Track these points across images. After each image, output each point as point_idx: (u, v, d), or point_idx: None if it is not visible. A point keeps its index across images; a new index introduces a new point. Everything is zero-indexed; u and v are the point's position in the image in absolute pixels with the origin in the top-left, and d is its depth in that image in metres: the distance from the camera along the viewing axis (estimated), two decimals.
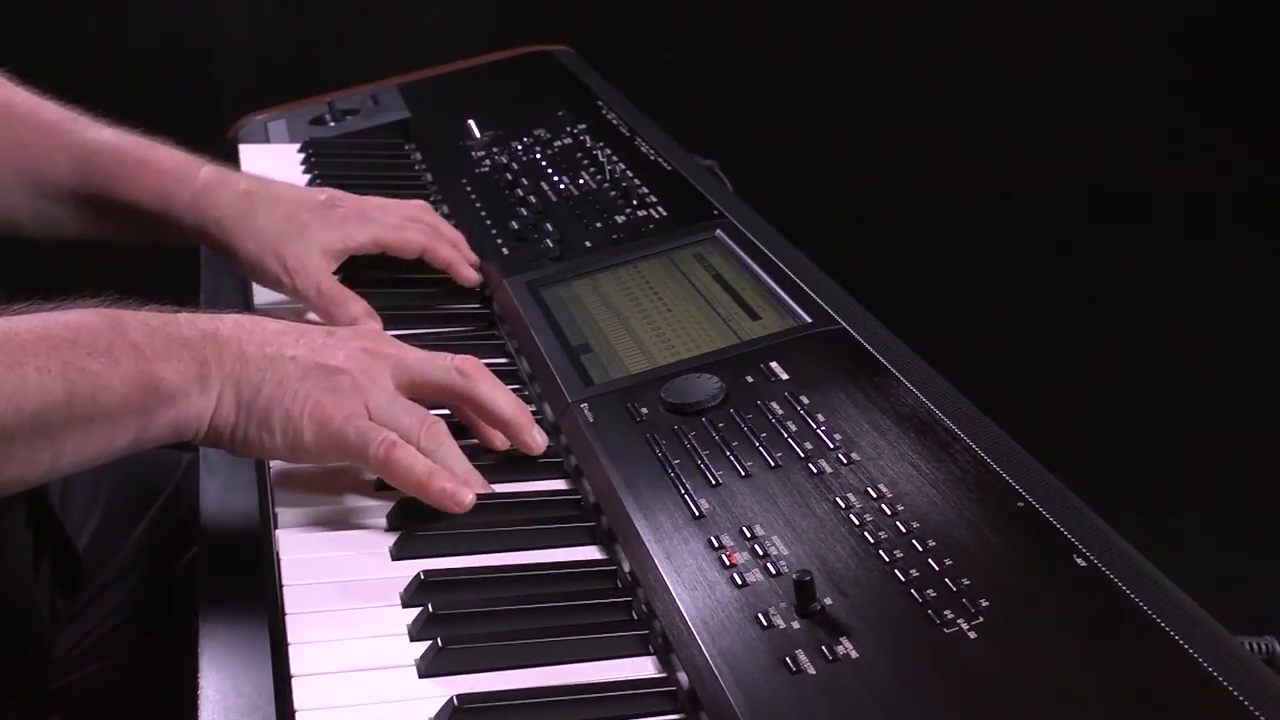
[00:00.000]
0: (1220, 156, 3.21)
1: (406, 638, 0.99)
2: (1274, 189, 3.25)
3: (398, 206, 1.49)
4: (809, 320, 1.26)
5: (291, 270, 1.39)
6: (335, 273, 1.43)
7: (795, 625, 0.92)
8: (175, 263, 1.58)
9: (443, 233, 1.48)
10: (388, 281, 1.48)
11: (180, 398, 1.06)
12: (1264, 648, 0.92)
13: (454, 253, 1.47)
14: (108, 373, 1.03)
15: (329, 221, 1.42)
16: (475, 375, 1.17)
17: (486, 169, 1.74)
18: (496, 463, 1.19)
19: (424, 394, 1.15)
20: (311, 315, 1.41)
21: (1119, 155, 3.20)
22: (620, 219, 1.54)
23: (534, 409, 1.28)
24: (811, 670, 0.88)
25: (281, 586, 1.04)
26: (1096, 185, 3.23)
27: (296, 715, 0.92)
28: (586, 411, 1.20)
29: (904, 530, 0.98)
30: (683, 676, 0.93)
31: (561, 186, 1.65)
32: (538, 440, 1.18)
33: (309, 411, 1.09)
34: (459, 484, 1.10)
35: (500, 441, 1.20)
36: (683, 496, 1.06)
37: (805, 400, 1.14)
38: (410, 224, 1.47)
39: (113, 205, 1.44)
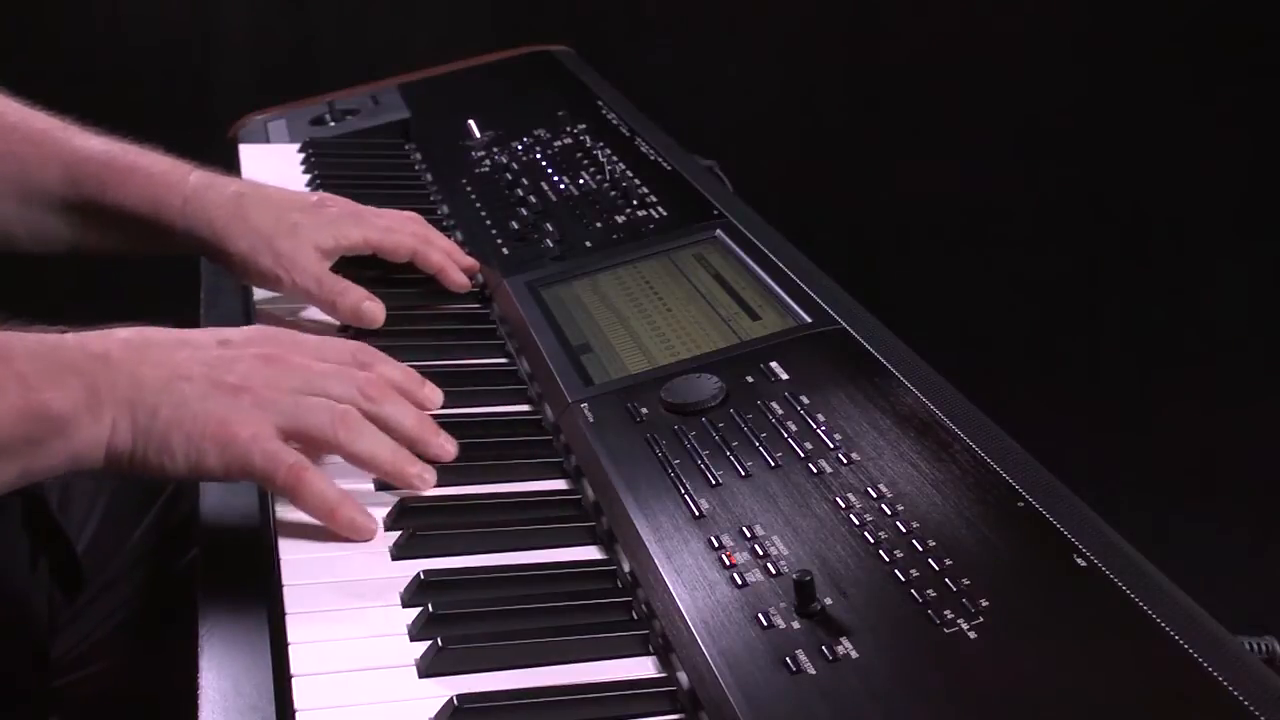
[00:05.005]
0: (1221, 158, 3.20)
1: (406, 638, 0.99)
2: (1274, 191, 3.25)
3: (390, 212, 1.50)
4: (809, 320, 1.26)
5: (288, 267, 1.40)
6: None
7: (795, 625, 0.92)
8: (175, 262, 1.57)
9: (434, 240, 1.49)
10: (387, 282, 1.48)
11: (71, 428, 1.04)
12: (1264, 648, 0.92)
13: (445, 258, 1.48)
14: None
15: (321, 221, 1.43)
16: (378, 397, 1.15)
17: (486, 169, 1.74)
18: (497, 463, 1.19)
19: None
20: (312, 314, 1.42)
21: (1120, 154, 3.20)
22: (620, 219, 1.54)
23: (534, 409, 1.29)
24: (811, 670, 0.88)
25: (281, 586, 1.04)
26: (1097, 184, 3.23)
27: (296, 715, 0.92)
28: (586, 411, 1.20)
29: (904, 530, 0.98)
30: (683, 676, 0.93)
31: (561, 186, 1.65)
32: (449, 450, 1.17)
33: (210, 433, 1.07)
34: (367, 517, 1.09)
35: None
36: (683, 496, 1.06)
37: (805, 400, 1.14)
38: (401, 228, 1.47)
39: (104, 212, 1.44)
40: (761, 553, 0.99)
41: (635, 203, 1.56)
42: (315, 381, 1.13)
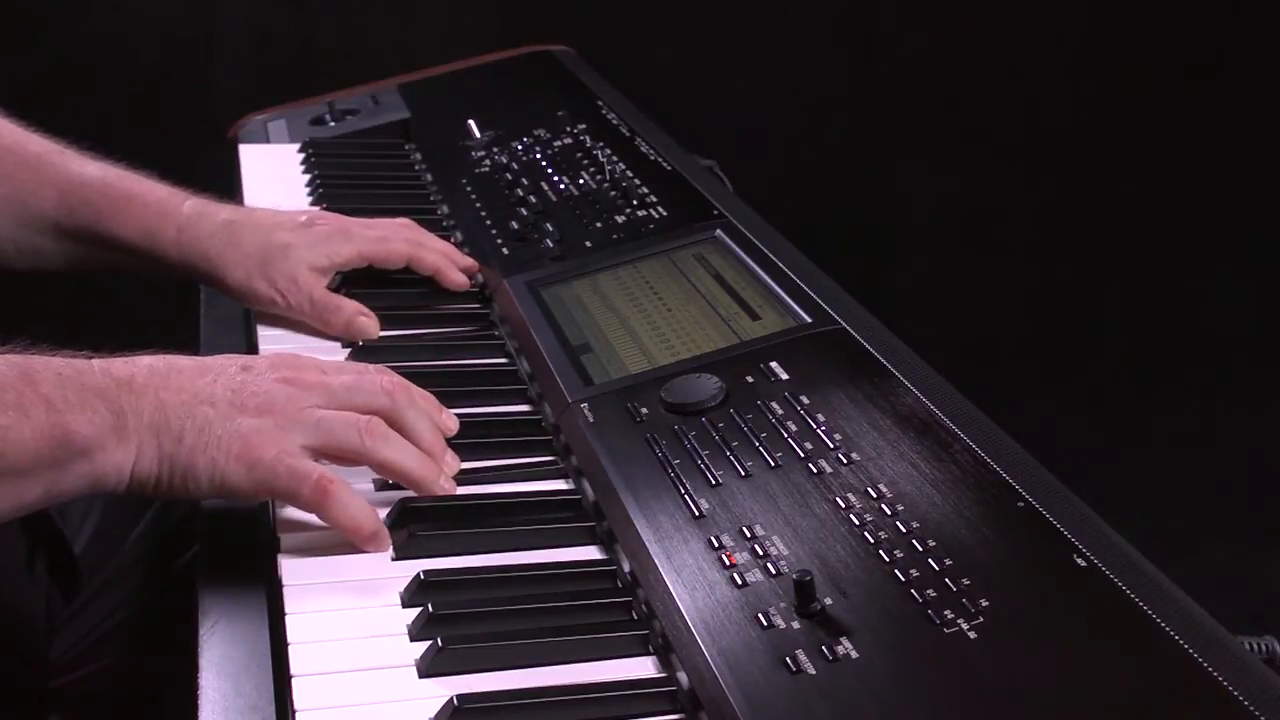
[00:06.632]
0: (1220, 161, 3.21)
1: (406, 638, 0.99)
2: (1273, 194, 3.25)
3: (381, 221, 1.50)
4: (809, 320, 1.26)
5: (282, 290, 1.41)
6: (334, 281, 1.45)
7: (795, 625, 0.92)
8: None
9: (427, 243, 1.49)
10: (387, 282, 1.48)
11: (96, 450, 1.04)
12: (1264, 648, 0.92)
13: (441, 259, 1.48)
14: (17, 426, 1.01)
15: (311, 240, 1.43)
16: (403, 402, 1.15)
17: (486, 169, 1.74)
18: (498, 464, 1.19)
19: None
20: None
21: (1120, 155, 3.20)
22: (620, 219, 1.54)
23: (534, 409, 1.29)
24: (811, 670, 0.88)
25: (281, 586, 1.04)
26: (1097, 185, 3.23)
27: (296, 715, 0.92)
28: (586, 411, 1.20)
29: (904, 530, 0.98)
30: (683, 676, 0.93)
31: (561, 186, 1.65)
32: (452, 468, 1.17)
33: (235, 455, 1.07)
34: (386, 534, 1.09)
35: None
36: (683, 496, 1.06)
37: (805, 400, 1.14)
38: (394, 235, 1.47)
39: (98, 239, 1.44)
40: (761, 553, 0.99)
41: (635, 203, 1.56)
42: (339, 395, 1.13)
